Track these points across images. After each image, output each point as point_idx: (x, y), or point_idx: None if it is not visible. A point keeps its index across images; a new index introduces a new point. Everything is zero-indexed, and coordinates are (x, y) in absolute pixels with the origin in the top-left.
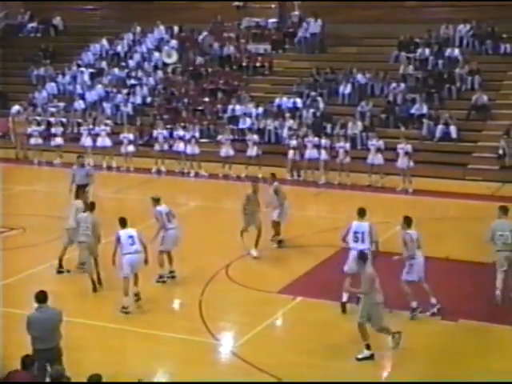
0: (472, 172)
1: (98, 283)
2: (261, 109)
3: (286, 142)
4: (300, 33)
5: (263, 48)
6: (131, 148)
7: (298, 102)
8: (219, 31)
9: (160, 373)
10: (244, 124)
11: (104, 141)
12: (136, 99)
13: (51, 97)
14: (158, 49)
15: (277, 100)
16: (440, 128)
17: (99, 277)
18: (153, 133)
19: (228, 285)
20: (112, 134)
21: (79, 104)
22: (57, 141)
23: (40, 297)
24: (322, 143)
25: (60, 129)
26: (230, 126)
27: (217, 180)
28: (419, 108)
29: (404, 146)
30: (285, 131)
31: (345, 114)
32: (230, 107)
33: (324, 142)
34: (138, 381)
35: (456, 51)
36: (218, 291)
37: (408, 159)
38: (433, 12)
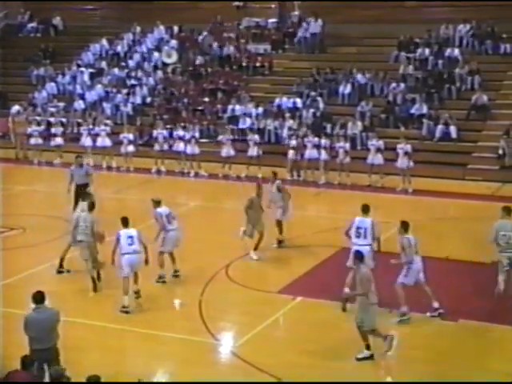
0: (472, 172)
1: (98, 279)
2: (261, 109)
3: (286, 142)
4: (300, 33)
5: (263, 48)
6: (131, 148)
7: (298, 102)
8: (219, 31)
9: (160, 373)
10: (244, 124)
11: (104, 141)
12: (136, 99)
13: (51, 97)
14: (158, 49)
15: (277, 100)
16: (440, 128)
17: (99, 273)
18: (153, 133)
19: (228, 285)
20: (112, 134)
21: (79, 104)
22: (57, 141)
23: (37, 297)
24: (322, 143)
25: (60, 129)
26: (230, 126)
27: (217, 180)
28: (419, 108)
29: (404, 146)
30: (285, 131)
31: (345, 114)
32: (230, 107)
33: (324, 142)
34: (138, 381)
35: (456, 51)
36: (218, 291)
37: (408, 159)
38: (433, 12)
